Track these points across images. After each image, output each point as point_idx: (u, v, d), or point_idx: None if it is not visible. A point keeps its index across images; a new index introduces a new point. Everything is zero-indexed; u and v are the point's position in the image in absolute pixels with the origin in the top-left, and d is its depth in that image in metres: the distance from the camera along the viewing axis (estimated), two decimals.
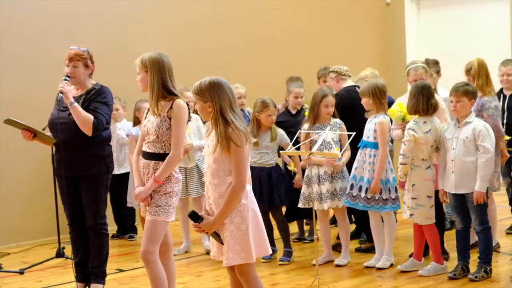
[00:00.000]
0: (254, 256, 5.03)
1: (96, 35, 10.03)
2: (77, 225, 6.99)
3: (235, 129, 4.91)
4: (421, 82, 7.36)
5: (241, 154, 4.95)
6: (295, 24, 12.26)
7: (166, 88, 5.72)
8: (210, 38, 11.28)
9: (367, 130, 7.66)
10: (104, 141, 6.90)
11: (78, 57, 6.76)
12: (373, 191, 7.50)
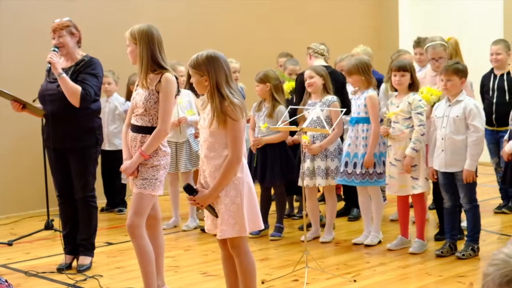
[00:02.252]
0: (247, 229, 5.07)
1: (90, 7, 9.99)
2: (66, 197, 7.04)
3: (231, 103, 4.93)
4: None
5: (237, 128, 4.97)
6: (293, 10, 12.21)
7: (155, 61, 5.70)
8: (204, 12, 11.24)
9: (356, 107, 7.63)
10: (93, 114, 6.93)
11: (61, 27, 6.80)
12: (366, 164, 7.48)
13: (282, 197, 8.26)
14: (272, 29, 11.31)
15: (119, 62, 8.79)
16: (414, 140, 7.13)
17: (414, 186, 7.27)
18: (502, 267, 2.07)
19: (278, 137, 7.89)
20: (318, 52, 8.73)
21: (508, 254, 2.10)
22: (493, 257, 2.13)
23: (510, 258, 2.08)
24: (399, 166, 7.26)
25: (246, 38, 11.20)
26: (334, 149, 7.77)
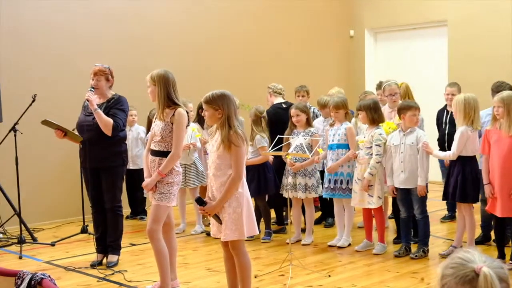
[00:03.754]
0: (245, 234, 5.15)
1: (118, 54, 10.07)
2: (98, 207, 7.10)
3: (235, 132, 5.04)
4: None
5: (239, 153, 5.06)
6: (276, 50, 12.27)
7: (170, 99, 5.79)
8: (208, 60, 11.30)
9: (336, 135, 7.60)
10: (121, 140, 7.01)
11: (101, 72, 6.89)
12: (329, 169, 7.59)
13: (265, 208, 8.23)
14: (262, 75, 11.30)
15: (140, 100, 8.83)
16: (371, 166, 7.20)
17: (369, 201, 7.32)
18: (461, 268, 2.08)
19: (260, 160, 7.90)
20: (276, 91, 8.83)
21: (462, 258, 2.11)
22: (450, 261, 2.13)
23: (465, 261, 2.09)
24: (360, 184, 7.33)
25: (241, 80, 11.22)
26: (312, 169, 7.81)
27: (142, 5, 10.53)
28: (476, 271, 2.05)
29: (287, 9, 12.45)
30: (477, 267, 2.06)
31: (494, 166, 6.56)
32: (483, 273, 2.03)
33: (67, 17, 9.74)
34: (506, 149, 6.44)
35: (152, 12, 10.67)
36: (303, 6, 12.67)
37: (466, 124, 6.83)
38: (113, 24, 10.22)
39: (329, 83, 11.04)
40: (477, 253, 2.12)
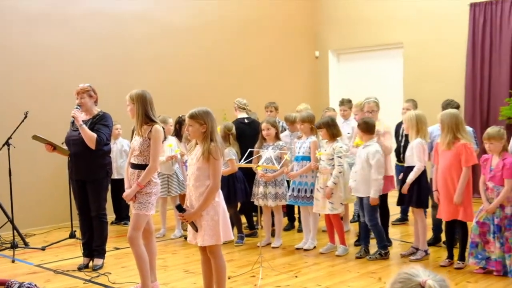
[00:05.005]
0: (222, 239, 5.11)
1: (104, 73, 10.01)
2: (84, 215, 7.01)
3: (215, 146, 5.00)
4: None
5: (217, 165, 5.03)
6: (248, 68, 12.27)
7: (147, 116, 5.74)
8: (184, 78, 11.25)
9: (302, 148, 7.58)
10: (105, 153, 6.92)
11: (83, 91, 6.85)
12: (290, 175, 7.57)
13: (235, 215, 8.13)
14: (235, 90, 11.21)
15: (125, 114, 8.70)
16: (334, 175, 7.18)
17: (330, 208, 7.28)
18: (408, 282, 2.13)
19: (228, 171, 7.78)
20: (240, 107, 8.81)
21: (409, 273, 2.16)
22: (398, 277, 2.17)
23: (411, 276, 2.14)
24: (322, 192, 7.28)
25: (216, 95, 11.17)
26: (281, 179, 7.76)
27: (123, 27, 10.45)
28: (421, 285, 2.11)
29: (259, 31, 12.43)
30: (422, 280, 2.12)
31: (439, 175, 6.63)
32: (428, 285, 2.10)
33: (57, 38, 9.65)
34: (447, 160, 6.49)
35: (133, 34, 10.58)
36: (273, 28, 12.67)
37: (419, 138, 6.86)
38: (98, 45, 10.13)
39: (297, 99, 11.02)
40: (422, 269, 2.17)
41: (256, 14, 12.36)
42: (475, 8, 11.25)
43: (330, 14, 13.28)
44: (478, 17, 11.22)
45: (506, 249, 6.12)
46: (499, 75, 11.02)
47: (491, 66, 11.14)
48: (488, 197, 6.22)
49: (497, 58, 11.06)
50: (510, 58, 10.90)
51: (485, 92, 11.19)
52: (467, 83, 11.32)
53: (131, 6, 10.53)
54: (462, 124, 6.54)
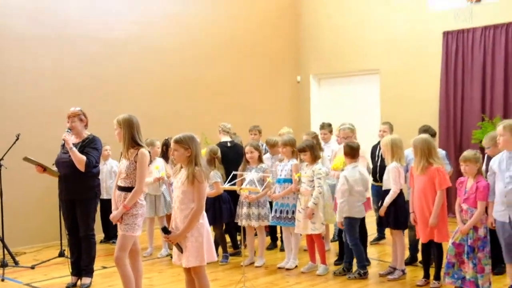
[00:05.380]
0: (205, 260, 5.01)
1: (95, 97, 9.95)
2: (73, 234, 6.90)
3: (200, 170, 4.92)
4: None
5: (201, 188, 4.94)
6: (233, 93, 12.22)
7: (134, 140, 5.69)
8: (172, 103, 11.19)
9: (284, 171, 7.51)
10: (94, 175, 6.83)
11: (74, 115, 6.78)
12: (272, 196, 7.50)
13: (221, 235, 8.04)
14: (221, 115, 11.16)
15: (115, 136, 8.65)
16: (314, 196, 7.12)
17: (313, 228, 7.20)
18: None
19: (214, 193, 7.68)
20: (225, 130, 8.77)
21: None
22: None
23: None
24: (303, 213, 7.20)
25: (200, 119, 11.10)
26: (264, 200, 7.67)
27: (114, 51, 10.38)
28: None
29: (243, 56, 12.40)
30: None
31: (415, 198, 6.59)
32: None
33: (49, 61, 9.59)
34: (421, 184, 6.47)
35: (123, 57, 10.52)
36: (257, 53, 12.67)
37: (395, 161, 6.83)
38: (89, 68, 10.06)
39: (279, 123, 10.97)
40: None
41: (241, 40, 12.34)
42: (448, 36, 11.31)
43: (311, 41, 13.30)
44: (451, 45, 11.27)
45: (478, 270, 6.07)
46: (471, 100, 11.06)
47: (463, 92, 11.18)
48: (463, 218, 6.17)
49: (469, 84, 11.11)
50: (482, 84, 10.95)
51: (458, 117, 11.22)
52: (441, 107, 11.35)
53: (121, 30, 10.48)
54: (434, 149, 6.52)
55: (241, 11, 12.34)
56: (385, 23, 12.10)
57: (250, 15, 12.52)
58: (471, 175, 6.17)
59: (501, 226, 5.86)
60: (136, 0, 10.73)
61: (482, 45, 10.94)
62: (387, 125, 8.67)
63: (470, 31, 11.01)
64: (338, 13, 12.80)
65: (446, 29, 11.21)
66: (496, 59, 10.81)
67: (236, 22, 12.28)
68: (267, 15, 12.84)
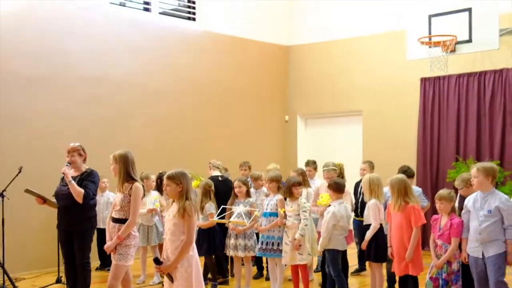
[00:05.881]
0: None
1: (93, 133, 9.96)
2: (70, 263, 6.79)
3: (190, 204, 4.89)
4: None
5: (191, 221, 4.91)
6: (225, 131, 12.23)
7: (129, 175, 5.68)
8: (165, 138, 11.18)
9: (270, 205, 7.46)
10: (91, 207, 6.76)
11: (73, 150, 6.74)
12: (259, 229, 7.43)
13: (212, 264, 7.98)
14: (214, 151, 11.15)
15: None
16: (300, 229, 7.07)
17: (300, 259, 7.15)
18: None
19: (208, 224, 7.68)
20: (215, 166, 8.77)
21: None
22: None
23: None
24: (290, 245, 7.16)
25: (193, 155, 11.05)
26: (250, 232, 7.63)
27: (112, 91, 10.42)
28: None
29: (235, 97, 12.43)
30: None
31: (392, 233, 6.57)
32: None
33: (51, 101, 9.62)
34: (398, 221, 6.46)
35: (120, 97, 10.54)
36: (248, 94, 12.70)
37: (374, 198, 6.83)
38: (89, 107, 10.08)
39: (268, 159, 10.93)
40: None
41: (233, 82, 12.39)
42: (425, 82, 11.41)
43: (299, 84, 13.38)
44: (428, 90, 11.37)
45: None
46: (446, 141, 11.12)
47: (439, 134, 11.25)
48: (437, 253, 6.16)
49: (444, 126, 11.18)
50: (456, 127, 11.02)
51: (435, 157, 11.26)
52: (419, 148, 11.40)
53: (121, 73, 10.53)
54: (409, 188, 6.51)
55: (235, 58, 12.42)
56: (367, 69, 12.21)
57: (244, 62, 12.59)
58: (445, 212, 6.18)
59: (474, 262, 5.86)
60: (135, 47, 10.78)
61: (456, 91, 11.05)
62: (367, 164, 8.67)
63: (445, 78, 11.12)
64: (324, 60, 12.91)
65: (423, 76, 11.32)
66: (469, 104, 10.91)
67: (231, 68, 12.35)
68: (259, 62, 12.92)
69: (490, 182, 5.76)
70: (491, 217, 5.69)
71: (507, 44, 10.26)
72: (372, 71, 12.14)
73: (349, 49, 12.51)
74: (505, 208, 5.66)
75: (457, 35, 9.57)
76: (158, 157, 10.39)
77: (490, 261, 5.71)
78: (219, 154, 10.27)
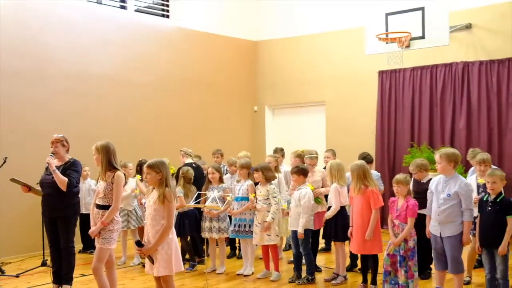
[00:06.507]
0: (174, 270, 4.99)
1: (76, 125, 9.79)
2: (55, 246, 6.68)
3: (169, 191, 4.91)
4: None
5: (171, 207, 4.93)
6: (198, 122, 12.18)
7: (111, 164, 5.61)
8: (144, 130, 11.10)
9: (241, 190, 7.51)
10: (74, 194, 6.64)
11: (57, 141, 6.61)
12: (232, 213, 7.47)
13: (187, 246, 7.98)
14: (188, 140, 11.10)
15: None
16: (272, 212, 7.12)
17: (268, 239, 7.21)
18: None
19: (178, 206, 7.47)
20: (187, 154, 8.74)
21: None
22: None
23: None
24: (260, 227, 7.20)
25: (169, 146, 10.91)
26: (223, 215, 7.65)
27: (93, 84, 10.29)
28: None
29: (208, 89, 12.38)
30: None
31: (354, 214, 6.64)
32: None
33: (36, 93, 9.45)
34: (359, 203, 6.53)
35: (101, 90, 10.43)
36: (219, 87, 12.66)
37: (335, 182, 6.90)
38: (71, 100, 9.93)
39: (239, 147, 10.94)
40: None
41: (205, 75, 12.32)
42: (383, 75, 11.53)
43: (267, 77, 13.38)
44: (385, 82, 11.50)
45: (409, 276, 6.14)
46: (402, 129, 11.27)
47: (396, 122, 11.39)
48: (395, 232, 6.25)
49: (400, 115, 11.33)
50: (411, 116, 11.17)
51: (392, 143, 11.40)
52: (377, 135, 11.53)
53: (100, 67, 10.39)
54: (368, 173, 6.57)
55: (207, 53, 12.33)
56: (330, 63, 12.27)
57: (215, 56, 12.51)
58: (402, 195, 6.27)
59: (434, 238, 5.99)
60: (113, 43, 10.63)
61: (411, 83, 11.20)
62: (330, 152, 8.69)
63: (401, 71, 11.25)
64: (290, 54, 12.94)
65: (381, 69, 11.43)
66: (423, 95, 11.07)
67: (203, 62, 12.27)
68: (229, 56, 12.87)
69: (452, 167, 5.82)
70: (450, 200, 5.78)
71: (456, 40, 10.43)
72: (334, 65, 12.21)
73: (313, 44, 12.56)
74: (463, 193, 5.76)
75: (412, 32, 9.67)
76: (135, 147, 10.29)
77: (448, 241, 5.82)
78: (192, 143, 10.24)
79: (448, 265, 5.88)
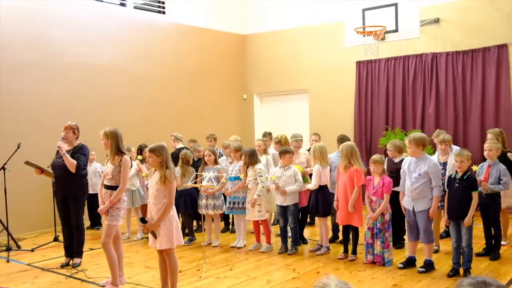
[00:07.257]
0: (175, 244, 5.06)
1: (83, 112, 9.76)
2: (66, 223, 6.79)
3: (170, 172, 4.96)
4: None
5: (171, 187, 4.99)
6: (192, 108, 12.19)
7: (118, 149, 5.62)
8: (145, 115, 11.09)
9: (234, 171, 7.57)
10: (82, 176, 6.71)
11: (69, 127, 6.66)
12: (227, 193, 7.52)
13: (187, 220, 8.07)
14: (183, 126, 11.17)
15: (99, 143, 8.61)
16: (258, 191, 7.19)
17: (258, 215, 7.28)
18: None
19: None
20: (178, 138, 8.78)
21: (323, 283, 2.03)
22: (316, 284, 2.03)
23: (324, 285, 2.01)
24: (251, 203, 7.29)
25: (167, 130, 10.97)
26: (218, 194, 7.71)
27: (99, 75, 10.24)
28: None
29: (201, 79, 12.38)
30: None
31: (339, 189, 6.72)
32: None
33: (46, 83, 9.39)
34: (344, 180, 6.63)
35: (106, 80, 10.38)
36: (212, 77, 12.65)
37: (317, 164, 6.97)
38: (79, 90, 9.88)
39: (229, 132, 11.03)
40: (335, 280, 2.05)
41: (198, 66, 12.31)
42: (360, 65, 11.60)
43: (255, 66, 13.38)
44: (363, 72, 11.56)
45: (385, 246, 6.29)
46: (378, 114, 11.37)
47: (372, 108, 11.48)
48: (372, 207, 6.38)
49: (376, 102, 11.42)
50: (385, 102, 11.27)
51: (368, 127, 11.51)
52: (355, 120, 11.62)
53: (104, 58, 10.34)
54: (355, 153, 6.63)
55: (200, 46, 12.30)
56: (312, 55, 12.30)
57: (207, 49, 12.49)
58: (378, 173, 6.38)
59: (407, 212, 6.12)
60: (111, 37, 10.56)
61: (385, 72, 11.28)
62: (317, 136, 8.77)
63: (376, 61, 11.33)
64: (275, 46, 12.94)
65: (358, 60, 11.49)
66: (396, 83, 11.15)
67: (196, 55, 12.24)
68: (220, 49, 12.84)
69: (421, 150, 5.93)
70: (421, 179, 5.91)
71: (426, 33, 10.51)
72: (316, 56, 12.25)
73: (297, 37, 12.57)
74: (432, 172, 5.89)
75: (386, 25, 9.72)
76: (134, 132, 10.29)
77: (420, 214, 5.97)
78: (187, 129, 10.30)
79: (420, 236, 6.03)
